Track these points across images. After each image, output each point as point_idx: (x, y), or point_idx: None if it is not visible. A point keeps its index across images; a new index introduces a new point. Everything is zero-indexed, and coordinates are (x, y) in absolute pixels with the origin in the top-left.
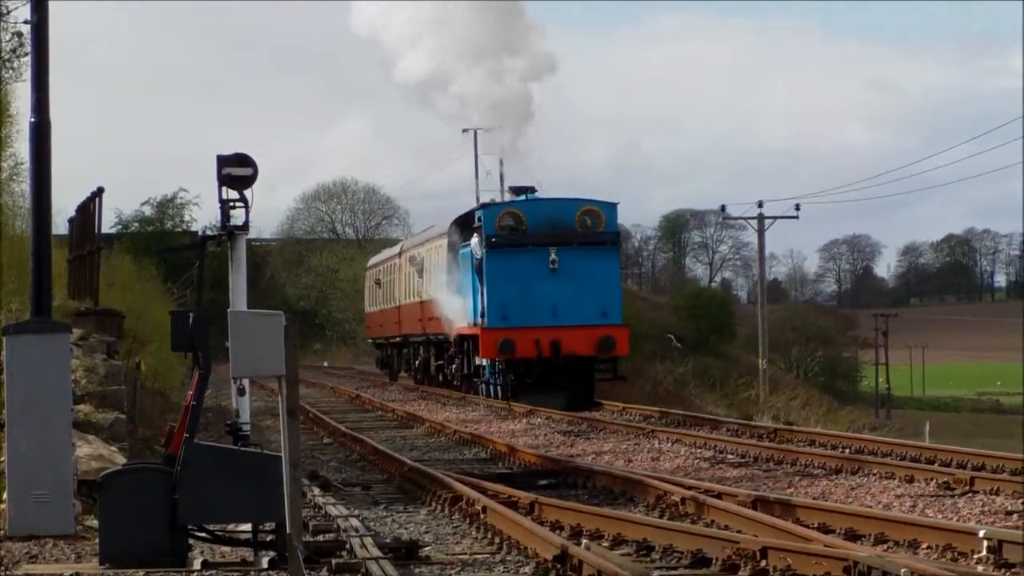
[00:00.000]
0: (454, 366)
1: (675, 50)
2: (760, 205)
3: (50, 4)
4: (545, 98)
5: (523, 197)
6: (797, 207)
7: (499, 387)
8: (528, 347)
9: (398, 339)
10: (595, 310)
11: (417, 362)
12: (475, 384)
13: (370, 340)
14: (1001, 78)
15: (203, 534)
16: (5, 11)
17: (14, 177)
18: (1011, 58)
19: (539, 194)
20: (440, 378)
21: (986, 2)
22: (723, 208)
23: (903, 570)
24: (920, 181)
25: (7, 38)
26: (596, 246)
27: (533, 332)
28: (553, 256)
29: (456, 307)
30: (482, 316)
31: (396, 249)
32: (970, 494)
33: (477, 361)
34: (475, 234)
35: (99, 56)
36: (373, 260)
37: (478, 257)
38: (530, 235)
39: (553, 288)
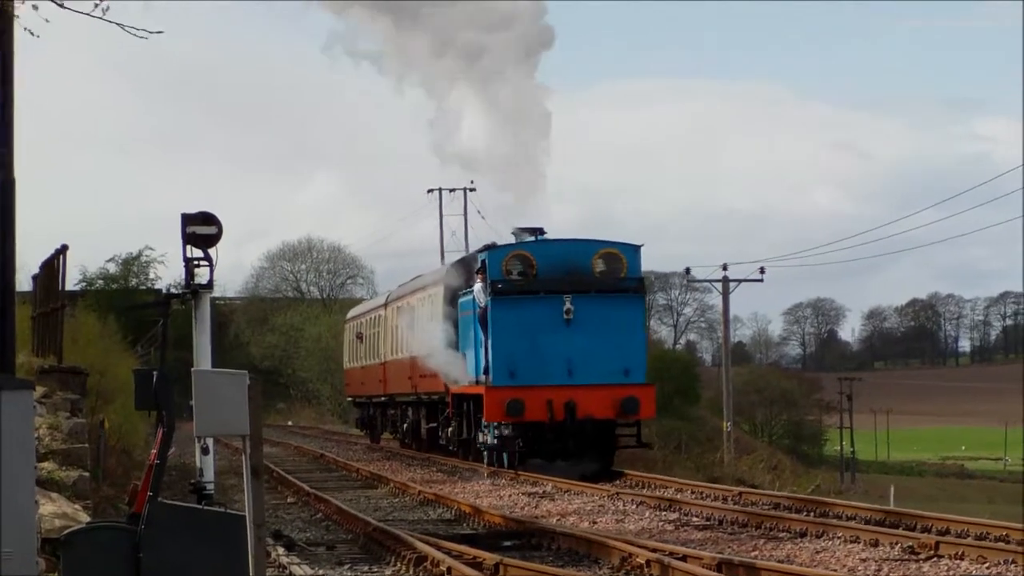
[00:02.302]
0: (450, 430)
1: (638, 115)
2: (724, 268)
3: (15, 60)
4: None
5: (532, 239)
6: (762, 270)
7: (505, 454)
8: (539, 409)
9: (383, 398)
10: (616, 367)
11: (405, 424)
12: (476, 450)
13: (349, 399)
14: (966, 143)
15: None
16: None
17: None
18: (976, 124)
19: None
20: (431, 443)
21: (957, 70)
22: (688, 271)
23: None
24: (885, 245)
25: None
26: (617, 293)
27: (545, 392)
28: (568, 305)
29: (454, 363)
30: (486, 373)
31: (381, 300)
32: (935, 559)
33: (481, 425)
34: (478, 279)
35: (65, 113)
36: (353, 312)
37: (482, 306)
38: (541, 281)
39: (568, 341)
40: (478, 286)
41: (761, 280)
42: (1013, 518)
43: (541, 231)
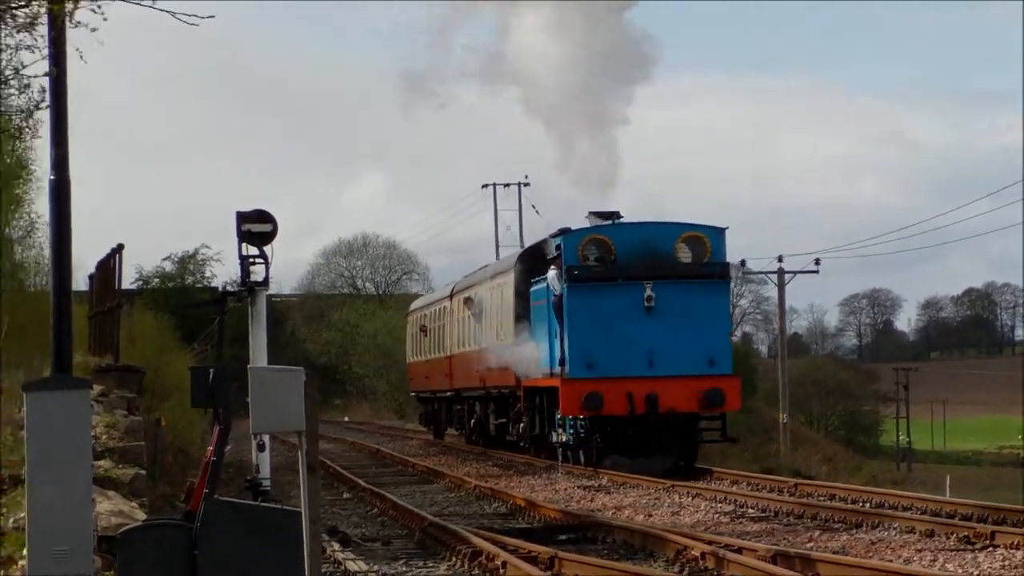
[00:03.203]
0: (521, 425)
1: (689, 112)
2: (780, 259)
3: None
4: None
5: (609, 222)
6: (817, 261)
7: (582, 451)
8: (619, 402)
9: (449, 393)
10: (700, 357)
11: (472, 420)
12: (550, 447)
13: (413, 394)
14: (1013, 134)
15: None
16: (21, 65)
17: (31, 234)
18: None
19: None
20: (500, 439)
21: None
22: (743, 263)
23: None
24: (939, 235)
25: (36, 90)
26: (701, 280)
27: (624, 384)
28: (649, 292)
29: (525, 355)
30: (562, 364)
31: (446, 291)
32: (991, 548)
33: (556, 420)
34: (552, 267)
35: (119, 113)
36: (416, 304)
37: (557, 294)
38: (620, 267)
39: (649, 331)
40: (552, 273)
41: (817, 271)
42: None
43: (618, 215)
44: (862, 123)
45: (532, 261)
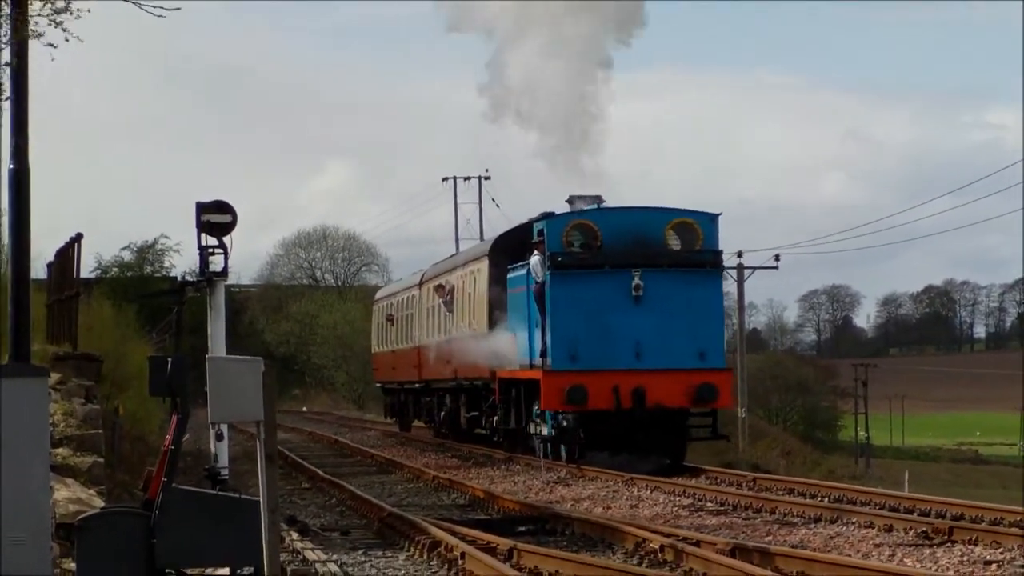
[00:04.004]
0: (496, 419)
1: (648, 105)
2: (739, 255)
3: (30, 49)
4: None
5: (595, 207)
6: (776, 257)
7: (564, 447)
8: (604, 396)
9: (417, 384)
10: (690, 350)
11: (442, 412)
12: (527, 442)
13: (378, 384)
14: (976, 132)
15: None
16: None
17: None
18: (985, 114)
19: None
20: (471, 432)
21: (967, 59)
22: (740, 254)
23: None
24: (900, 233)
25: None
26: (692, 268)
27: (610, 377)
28: (637, 280)
29: (501, 345)
30: (543, 356)
31: (415, 278)
32: (949, 544)
33: (534, 414)
34: (534, 252)
35: (78, 103)
36: (382, 293)
37: (539, 281)
38: (607, 253)
39: (636, 321)
40: (535, 259)
41: (776, 267)
42: None
43: (600, 199)
44: (825, 118)
45: (507, 248)
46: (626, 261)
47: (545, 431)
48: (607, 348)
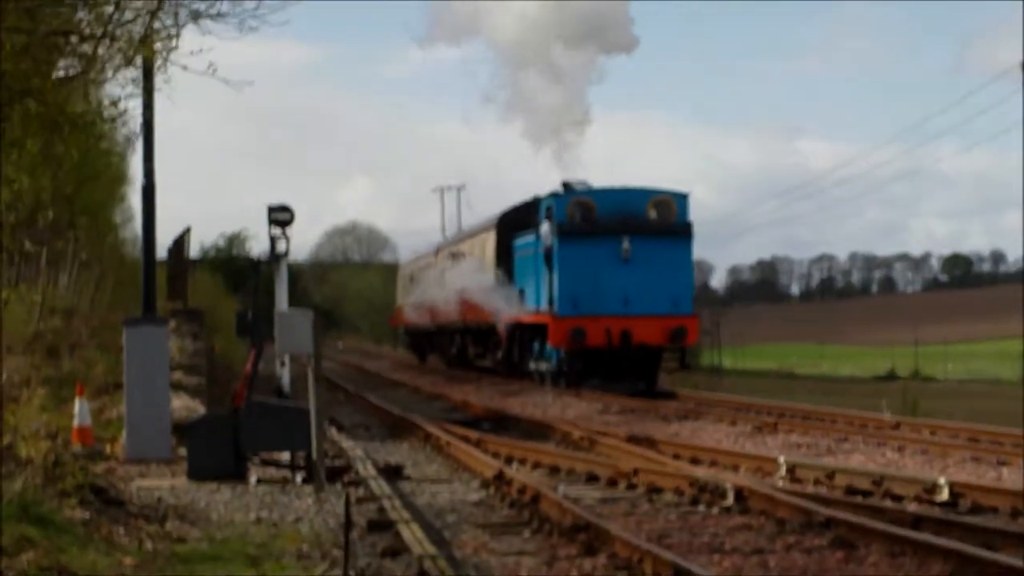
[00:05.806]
0: (500, 353)
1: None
2: None
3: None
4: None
5: (592, 188)
6: None
7: (565, 376)
8: (599, 336)
9: (432, 328)
10: (667, 300)
11: (454, 348)
12: (530, 371)
13: (402, 328)
14: (792, 156)
15: (256, 460)
16: (125, 110)
17: (130, 220)
18: (800, 143)
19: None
20: (477, 363)
21: (787, 101)
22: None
23: (728, 484)
24: (741, 224)
25: (136, 129)
26: (668, 236)
27: (604, 321)
28: (625, 245)
29: (504, 296)
30: (551, 304)
31: (431, 248)
32: (775, 433)
33: (546, 350)
34: (545, 222)
35: (187, 134)
36: (405, 261)
37: (547, 245)
38: (601, 224)
39: (625, 277)
40: (544, 227)
41: None
42: (828, 405)
43: (586, 183)
44: (690, 145)
45: (508, 222)
46: (616, 230)
47: (544, 366)
48: (601, 298)
